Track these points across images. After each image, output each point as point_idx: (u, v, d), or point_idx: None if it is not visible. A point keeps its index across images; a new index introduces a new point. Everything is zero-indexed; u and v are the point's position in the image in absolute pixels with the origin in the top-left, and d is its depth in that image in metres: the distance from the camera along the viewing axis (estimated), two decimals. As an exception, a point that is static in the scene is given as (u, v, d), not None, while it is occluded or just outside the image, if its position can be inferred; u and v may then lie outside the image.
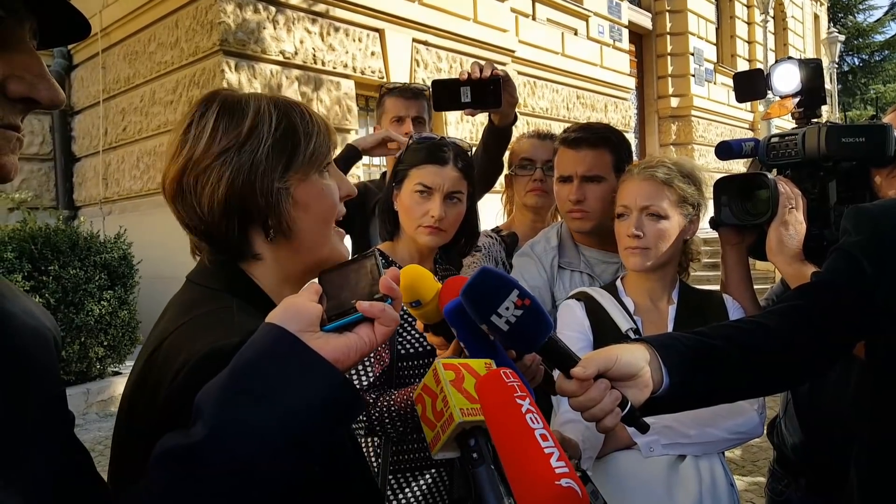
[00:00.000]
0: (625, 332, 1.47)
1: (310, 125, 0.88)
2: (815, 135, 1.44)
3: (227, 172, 0.83)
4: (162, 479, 0.63)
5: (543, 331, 0.84)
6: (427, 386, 0.80)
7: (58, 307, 4.85)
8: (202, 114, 0.86)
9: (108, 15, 7.14)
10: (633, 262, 1.50)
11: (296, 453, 0.64)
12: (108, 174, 7.52)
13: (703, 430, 1.38)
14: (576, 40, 10.45)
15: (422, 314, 1.04)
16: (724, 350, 0.96)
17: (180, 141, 0.86)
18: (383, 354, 1.48)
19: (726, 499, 1.38)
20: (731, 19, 15.54)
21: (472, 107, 1.62)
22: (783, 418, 1.66)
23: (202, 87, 6.13)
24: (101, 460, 3.79)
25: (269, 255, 0.88)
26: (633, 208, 1.50)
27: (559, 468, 0.66)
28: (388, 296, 0.72)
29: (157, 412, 0.75)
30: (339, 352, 0.68)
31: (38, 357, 0.61)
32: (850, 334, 1.05)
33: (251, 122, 0.85)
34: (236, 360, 0.66)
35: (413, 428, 1.41)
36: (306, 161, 0.87)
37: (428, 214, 1.53)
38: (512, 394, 0.73)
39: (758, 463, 3.89)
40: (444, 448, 0.78)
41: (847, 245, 1.07)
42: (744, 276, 1.59)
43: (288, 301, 0.71)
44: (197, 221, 0.85)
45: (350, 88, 6.86)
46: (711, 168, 13.86)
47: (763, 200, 1.48)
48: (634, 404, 0.87)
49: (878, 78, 26.60)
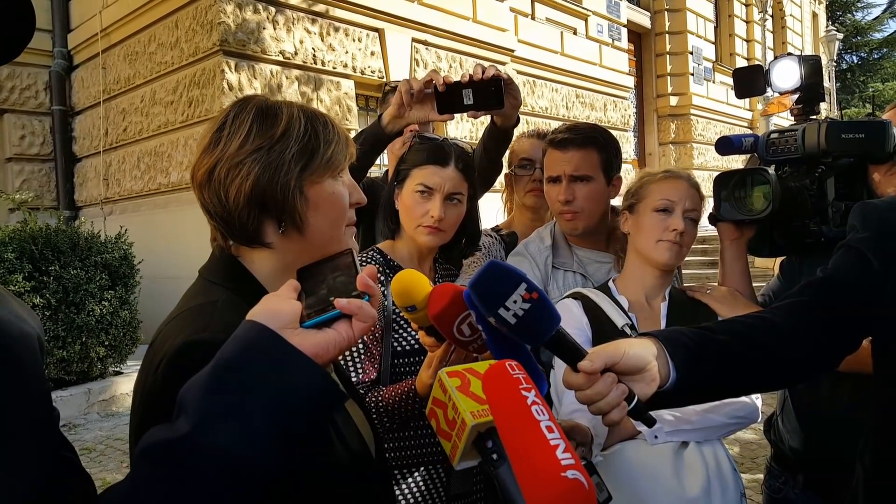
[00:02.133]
0: (621, 327, 1.50)
1: (331, 134, 0.97)
2: (815, 131, 1.44)
3: (257, 168, 0.91)
4: (147, 473, 0.64)
5: (551, 324, 0.84)
6: (436, 398, 0.81)
7: (59, 307, 4.86)
8: (236, 114, 0.95)
9: (108, 15, 7.13)
10: (671, 258, 1.55)
11: (279, 446, 0.66)
12: (108, 174, 7.52)
13: (705, 416, 1.41)
14: (575, 39, 10.46)
15: (415, 319, 1.06)
16: (730, 345, 0.96)
17: (214, 137, 0.94)
18: (374, 351, 1.49)
19: (732, 482, 1.40)
20: (730, 18, 15.54)
21: (475, 109, 1.64)
22: (780, 415, 1.67)
23: (202, 87, 6.14)
24: (103, 460, 3.82)
25: (279, 245, 0.95)
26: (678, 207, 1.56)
27: (565, 460, 0.66)
28: (365, 293, 0.75)
29: (141, 404, 0.81)
30: (318, 347, 0.70)
31: (26, 358, 0.63)
32: (857, 330, 1.05)
33: (284, 126, 0.93)
34: (218, 356, 0.69)
35: (402, 424, 1.43)
36: (322, 165, 0.95)
37: (428, 214, 1.54)
38: (517, 385, 0.73)
39: (756, 460, 3.90)
40: (463, 457, 0.78)
41: (854, 241, 1.07)
42: (742, 271, 1.60)
43: (268, 299, 0.75)
44: (219, 208, 0.93)
45: (350, 88, 6.86)
46: (710, 166, 13.89)
47: (761, 196, 1.49)
48: (641, 398, 0.87)
49: (876, 76, 26.58)
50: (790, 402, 1.61)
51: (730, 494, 1.39)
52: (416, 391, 1.35)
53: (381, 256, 1.63)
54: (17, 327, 0.63)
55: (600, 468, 1.29)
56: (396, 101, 1.71)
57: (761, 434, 4.27)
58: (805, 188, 1.49)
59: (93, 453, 4.29)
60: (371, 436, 1.04)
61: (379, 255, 1.63)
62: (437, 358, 1.18)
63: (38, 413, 0.64)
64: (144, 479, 0.64)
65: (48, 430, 0.64)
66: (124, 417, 5.00)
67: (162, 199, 6.74)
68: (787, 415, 1.62)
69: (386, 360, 1.50)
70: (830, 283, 1.06)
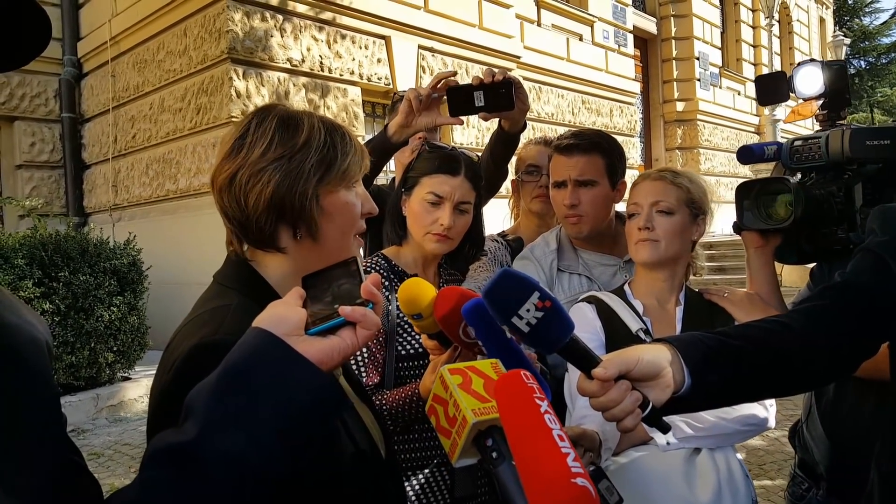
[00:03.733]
0: (635, 332, 1.49)
1: (348, 146, 1.00)
2: (838, 138, 1.42)
3: (277, 176, 0.94)
4: (154, 475, 0.65)
5: (565, 332, 0.84)
6: (437, 395, 0.81)
7: (68, 313, 4.89)
8: (259, 123, 0.98)
9: (118, 24, 7.20)
10: (643, 255, 1.55)
11: (284, 450, 0.67)
12: (117, 181, 7.58)
13: (717, 423, 1.40)
14: (581, 45, 10.47)
15: (422, 327, 1.07)
16: (746, 350, 0.95)
17: (237, 144, 0.97)
18: (378, 356, 1.51)
19: (743, 489, 1.40)
20: (736, 23, 15.52)
21: (486, 110, 1.66)
22: (805, 422, 1.64)
23: (210, 94, 6.18)
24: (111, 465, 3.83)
25: (292, 251, 0.98)
26: (643, 205, 1.56)
27: (575, 468, 0.67)
28: (369, 300, 0.76)
29: (153, 407, 0.84)
30: (322, 354, 0.71)
31: (35, 363, 0.64)
32: (875, 335, 1.02)
33: (305, 137, 0.97)
34: (225, 361, 0.70)
35: (405, 427, 1.44)
36: (339, 176, 0.98)
37: (437, 222, 1.56)
38: (531, 394, 0.74)
39: (764, 466, 3.88)
40: (462, 454, 0.78)
41: (873, 245, 1.05)
42: (769, 279, 1.57)
43: (274, 306, 0.76)
44: (238, 213, 0.96)
45: (357, 95, 6.89)
46: (717, 172, 13.84)
47: (784, 204, 1.48)
48: (656, 404, 0.87)
49: (884, 81, 26.45)
50: (815, 410, 1.59)
51: (741, 501, 1.38)
52: (419, 395, 1.36)
53: (386, 262, 1.64)
54: (26, 332, 0.64)
55: (612, 474, 1.29)
56: (404, 109, 1.73)
57: (770, 440, 4.25)
58: (832, 195, 1.46)
59: (101, 458, 4.30)
60: (381, 436, 1.06)
61: (384, 261, 1.64)
62: (443, 362, 1.19)
63: (47, 416, 0.65)
64: (151, 482, 0.65)
65: (57, 433, 0.65)
66: (132, 423, 5.02)
67: (170, 206, 6.79)
68: (811, 422, 1.60)
69: (390, 364, 1.51)
70: (848, 287, 1.04)
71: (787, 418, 4.71)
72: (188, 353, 0.82)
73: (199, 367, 0.74)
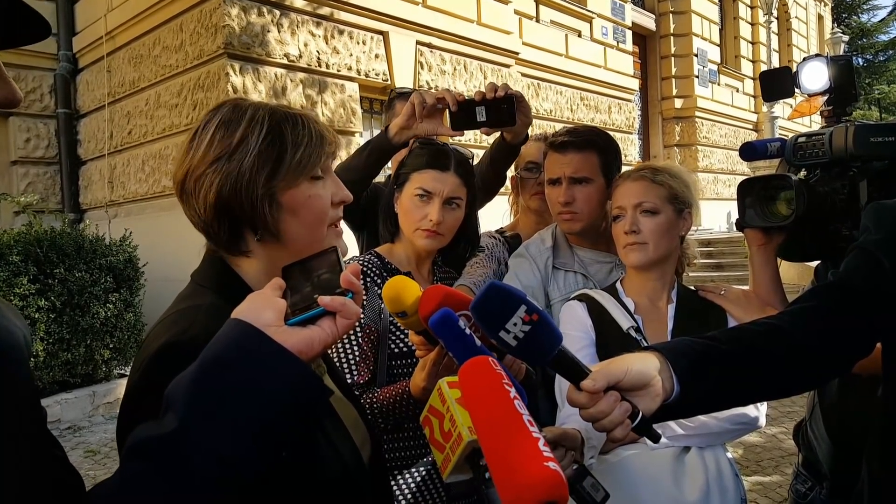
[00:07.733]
0: (626, 330, 1.49)
1: (300, 135, 0.93)
2: (842, 134, 1.41)
3: (217, 179, 0.89)
4: (135, 468, 0.65)
5: (552, 345, 0.84)
6: (433, 407, 0.80)
7: (63, 310, 4.88)
8: (206, 122, 0.94)
9: (113, 19, 7.17)
10: (633, 259, 1.53)
11: (264, 441, 0.67)
12: (113, 177, 7.55)
13: (706, 422, 1.40)
14: (579, 42, 10.45)
15: (407, 324, 1.06)
16: (736, 354, 0.94)
17: (187, 147, 0.94)
18: (369, 353, 1.50)
19: (732, 488, 1.39)
20: (735, 20, 15.52)
21: (488, 125, 1.67)
22: (809, 421, 1.64)
23: (207, 90, 6.15)
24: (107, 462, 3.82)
25: (260, 252, 0.95)
26: (627, 207, 1.54)
27: (546, 452, 0.67)
28: (349, 290, 0.76)
29: (122, 406, 0.84)
30: (302, 344, 0.71)
31: (13, 356, 0.63)
32: (869, 335, 1.01)
33: (242, 133, 0.91)
34: (204, 353, 0.69)
35: (396, 425, 1.44)
36: (293, 169, 0.92)
37: (426, 218, 1.55)
38: (501, 380, 0.74)
39: (761, 463, 3.88)
40: (455, 470, 0.77)
41: (866, 242, 1.04)
42: (772, 277, 1.55)
43: (252, 297, 0.75)
44: (197, 219, 0.93)
45: (354, 91, 6.87)
46: (715, 169, 13.86)
47: (786, 202, 1.46)
48: (646, 414, 0.86)
49: (882, 78, 26.48)
50: (818, 409, 1.58)
51: (729, 500, 1.38)
52: (409, 392, 1.35)
53: (379, 260, 1.63)
54: (2, 326, 0.63)
55: (600, 473, 1.28)
56: (407, 111, 1.72)
57: (767, 437, 4.26)
58: (836, 192, 1.44)
59: (97, 455, 4.29)
60: (365, 438, 1.03)
61: (376, 259, 1.63)
62: (432, 361, 1.17)
63: (27, 410, 0.64)
64: (132, 474, 0.65)
65: (37, 427, 0.65)
66: (128, 420, 5.02)
67: (167, 202, 6.75)
68: (815, 421, 1.59)
69: (382, 362, 1.50)
70: (841, 287, 1.03)
71: (784, 415, 4.72)
72: (155, 354, 0.81)
73: (166, 367, 0.73)
